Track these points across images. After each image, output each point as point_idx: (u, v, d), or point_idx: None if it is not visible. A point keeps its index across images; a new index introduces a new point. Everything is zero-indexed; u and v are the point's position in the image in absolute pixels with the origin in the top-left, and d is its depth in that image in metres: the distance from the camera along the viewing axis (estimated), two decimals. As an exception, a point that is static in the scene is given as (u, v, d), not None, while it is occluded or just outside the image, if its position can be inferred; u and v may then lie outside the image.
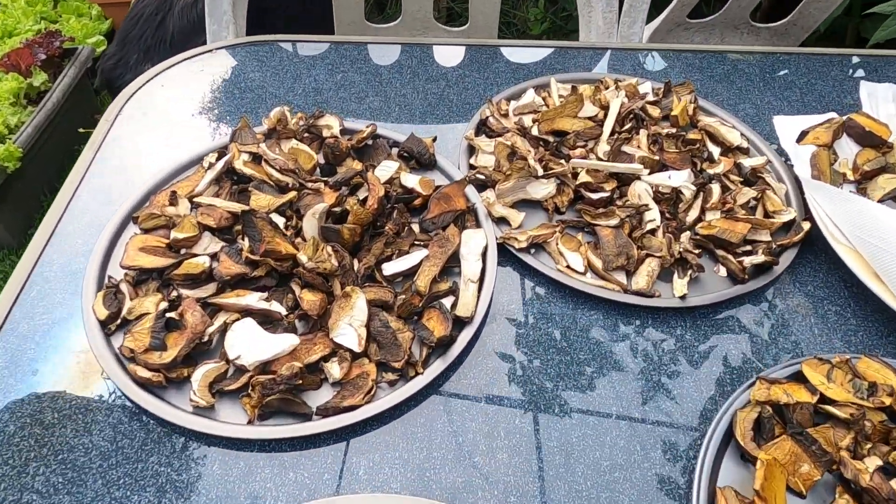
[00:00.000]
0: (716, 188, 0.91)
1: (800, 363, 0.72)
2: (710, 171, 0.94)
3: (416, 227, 0.85)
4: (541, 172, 0.89)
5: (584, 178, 0.90)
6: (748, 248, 0.86)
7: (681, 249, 0.82)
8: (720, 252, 0.85)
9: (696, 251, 0.84)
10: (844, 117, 1.00)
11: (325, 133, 0.95)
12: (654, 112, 1.04)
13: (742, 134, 1.02)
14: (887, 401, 0.67)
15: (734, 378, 0.75)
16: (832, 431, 0.65)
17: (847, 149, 0.99)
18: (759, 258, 0.81)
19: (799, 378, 0.72)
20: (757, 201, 0.92)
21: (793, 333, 0.79)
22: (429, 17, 1.55)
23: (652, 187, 0.90)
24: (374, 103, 1.09)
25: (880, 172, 0.93)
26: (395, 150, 0.96)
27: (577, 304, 0.81)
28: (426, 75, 1.15)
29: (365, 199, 0.83)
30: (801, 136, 0.97)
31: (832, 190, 0.87)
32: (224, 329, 0.71)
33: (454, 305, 0.75)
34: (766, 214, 0.91)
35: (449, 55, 1.22)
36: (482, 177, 0.91)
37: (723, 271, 0.84)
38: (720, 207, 0.89)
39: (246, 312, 0.73)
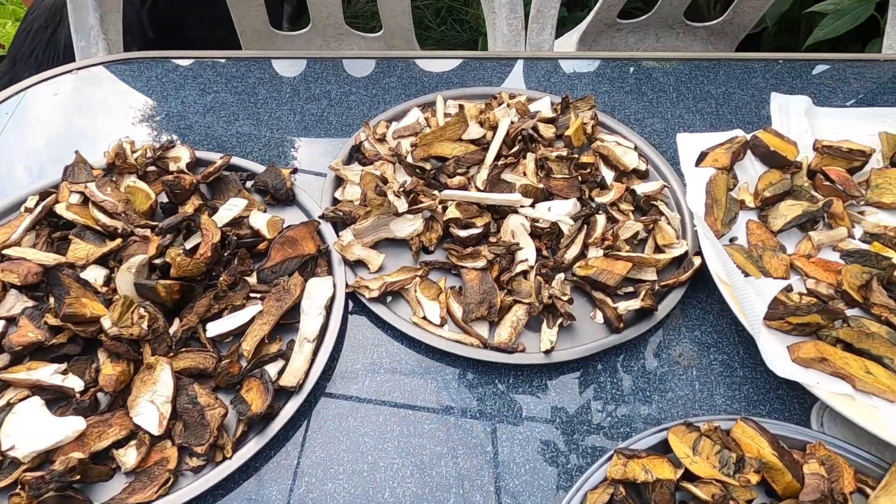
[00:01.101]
0: (601, 220, 0.83)
1: (667, 430, 0.64)
2: (599, 200, 0.86)
3: (253, 279, 0.76)
4: (402, 208, 0.80)
5: (453, 212, 0.81)
6: (631, 289, 0.78)
7: (551, 295, 0.74)
8: (598, 295, 0.76)
9: (565, 297, 0.74)
10: (750, 135, 0.91)
11: (172, 167, 0.86)
12: (548, 132, 0.95)
13: (641, 155, 0.93)
14: (753, 479, 0.59)
15: (597, 448, 0.66)
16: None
17: (753, 171, 0.90)
18: (636, 303, 0.73)
19: (666, 448, 0.64)
20: (648, 233, 0.84)
21: (671, 389, 0.71)
22: (340, 24, 1.45)
23: (529, 221, 0.82)
24: (244, 127, 0.99)
25: (784, 198, 0.85)
26: (250, 184, 0.87)
27: (434, 361, 0.72)
28: (307, 94, 1.06)
29: (196, 248, 0.74)
30: (701, 158, 0.89)
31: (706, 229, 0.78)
32: (6, 411, 0.63)
33: (282, 371, 0.67)
34: (658, 248, 0.83)
35: (352, 67, 1.12)
36: (340, 213, 0.82)
37: (600, 317, 0.75)
38: (600, 243, 0.80)
39: (37, 388, 0.64)
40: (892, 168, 0.89)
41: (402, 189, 0.82)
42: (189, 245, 0.76)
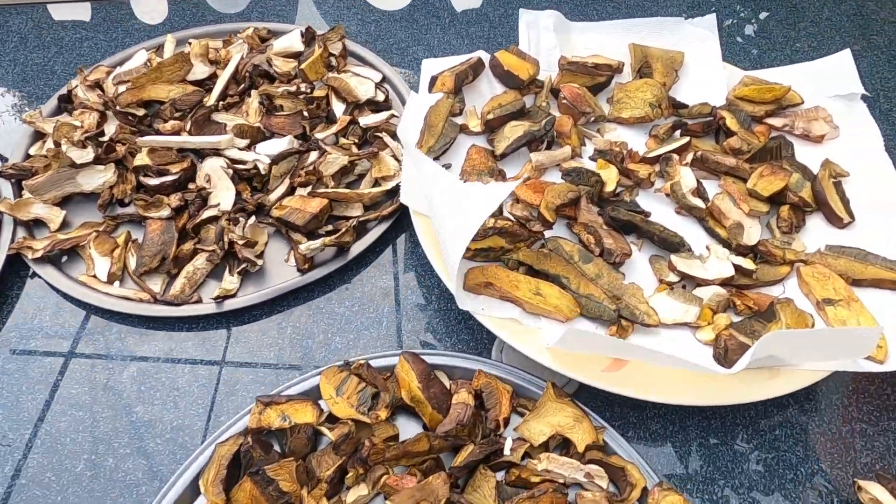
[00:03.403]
0: (312, 157, 0.77)
1: (321, 373, 0.60)
2: (318, 136, 0.80)
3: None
4: (83, 158, 0.73)
5: (143, 159, 0.75)
6: (331, 227, 0.73)
7: (231, 240, 0.69)
8: (295, 237, 0.72)
9: (242, 241, 0.67)
10: (488, 56, 0.86)
11: None
12: (287, 66, 0.89)
13: (380, 86, 0.87)
14: (383, 414, 0.56)
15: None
16: (296, 466, 0.53)
17: (491, 94, 0.85)
18: (318, 243, 0.68)
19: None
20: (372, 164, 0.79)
21: (358, 329, 0.67)
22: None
23: (229, 164, 0.76)
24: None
25: (510, 119, 0.80)
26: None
27: (104, 320, 0.67)
28: (37, 41, 0.97)
29: None
30: (432, 84, 0.83)
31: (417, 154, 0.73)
32: None
33: None
34: (378, 183, 0.78)
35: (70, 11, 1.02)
36: (19, 169, 0.75)
37: (292, 260, 0.71)
38: (304, 180, 0.75)
39: None
40: (634, 81, 0.85)
41: (84, 137, 0.75)
42: None
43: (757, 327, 0.61)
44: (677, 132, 0.82)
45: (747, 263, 0.67)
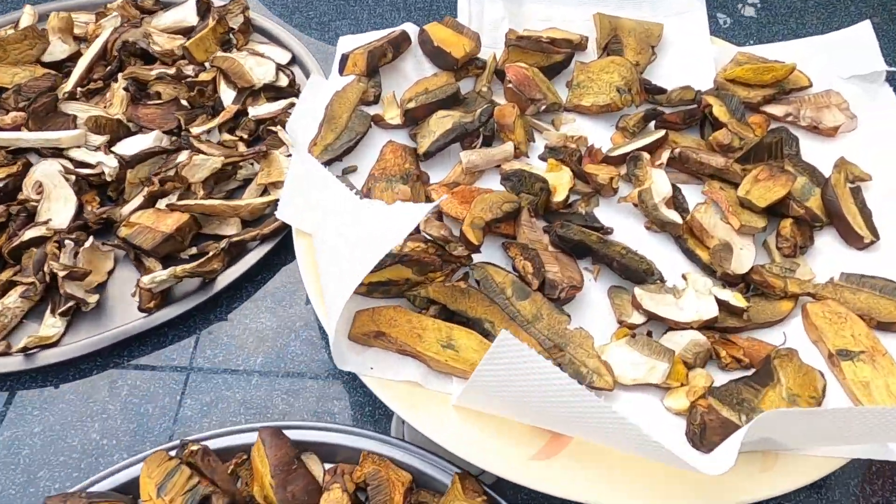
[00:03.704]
0: (183, 157, 0.61)
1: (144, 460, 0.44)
2: (194, 130, 0.64)
3: None
4: None
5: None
6: (195, 250, 0.57)
7: (52, 270, 0.53)
8: (150, 263, 0.55)
9: (64, 273, 0.50)
10: (417, 29, 0.69)
11: None
12: (171, 44, 0.72)
13: (285, 68, 0.71)
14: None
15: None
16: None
17: (417, 77, 0.69)
18: (163, 274, 0.52)
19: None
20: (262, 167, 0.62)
21: (212, 391, 0.51)
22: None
23: (69, 168, 0.59)
24: None
25: (438, 108, 0.63)
26: None
27: None
28: None
29: None
30: (343, 65, 0.67)
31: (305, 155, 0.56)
32: None
33: None
34: (268, 191, 0.62)
35: None
36: None
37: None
38: (156, 190, 0.58)
39: None
40: (600, 60, 0.68)
41: None
42: None
43: (747, 395, 0.44)
44: (651, 124, 0.66)
45: (736, 299, 0.51)
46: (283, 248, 0.57)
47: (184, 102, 0.65)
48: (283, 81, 0.69)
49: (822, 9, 0.84)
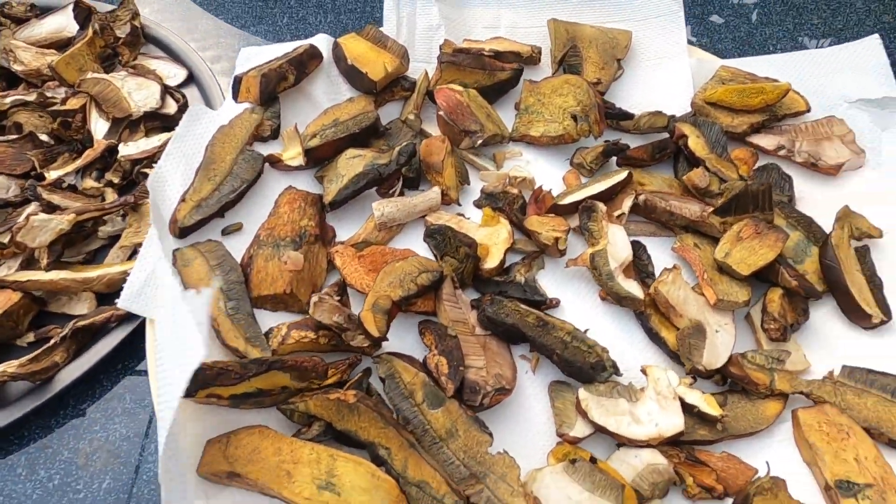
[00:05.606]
0: (32, 210, 0.50)
1: None
2: (52, 175, 0.52)
3: None
4: None
5: None
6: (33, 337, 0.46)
7: None
8: None
9: None
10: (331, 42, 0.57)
11: None
12: (38, 62, 0.59)
13: (176, 91, 0.58)
14: None
15: None
16: None
17: (329, 104, 0.57)
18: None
19: None
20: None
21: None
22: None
23: None
24: None
25: (348, 145, 0.52)
26: None
27: None
28: None
29: None
30: (236, 88, 0.55)
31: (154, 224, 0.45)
32: None
33: None
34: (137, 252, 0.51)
35: None
36: None
37: None
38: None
39: None
40: (553, 78, 0.57)
41: None
42: None
43: (717, 555, 0.34)
44: (613, 159, 0.54)
45: (709, 404, 0.40)
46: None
47: (44, 137, 0.54)
48: (172, 108, 0.57)
49: (824, 6, 0.72)
